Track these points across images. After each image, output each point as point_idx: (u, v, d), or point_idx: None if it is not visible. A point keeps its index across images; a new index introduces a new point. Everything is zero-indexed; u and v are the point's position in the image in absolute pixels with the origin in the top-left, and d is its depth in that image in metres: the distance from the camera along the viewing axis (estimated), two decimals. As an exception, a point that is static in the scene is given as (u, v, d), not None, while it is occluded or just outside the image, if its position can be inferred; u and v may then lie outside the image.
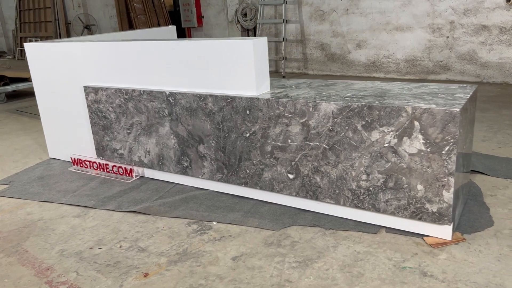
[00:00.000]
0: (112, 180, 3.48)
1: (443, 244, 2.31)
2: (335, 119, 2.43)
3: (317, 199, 2.65)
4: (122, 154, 3.48)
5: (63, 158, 4.03)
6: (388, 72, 6.89)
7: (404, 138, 2.26)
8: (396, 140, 2.28)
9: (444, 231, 2.33)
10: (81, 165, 3.75)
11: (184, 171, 3.17)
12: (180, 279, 2.18)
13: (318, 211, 2.72)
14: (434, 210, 2.28)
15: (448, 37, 6.20)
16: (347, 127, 2.41)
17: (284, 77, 7.51)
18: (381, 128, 2.31)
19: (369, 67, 7.05)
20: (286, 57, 7.67)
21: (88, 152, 3.76)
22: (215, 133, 2.91)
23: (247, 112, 2.73)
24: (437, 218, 2.28)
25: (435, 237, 2.36)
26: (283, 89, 2.87)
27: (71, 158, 3.82)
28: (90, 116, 3.56)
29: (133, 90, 3.21)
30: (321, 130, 2.50)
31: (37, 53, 3.79)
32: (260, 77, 2.74)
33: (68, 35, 12.72)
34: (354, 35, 7.07)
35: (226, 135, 2.87)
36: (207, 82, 2.92)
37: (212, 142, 2.95)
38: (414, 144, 2.24)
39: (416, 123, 2.21)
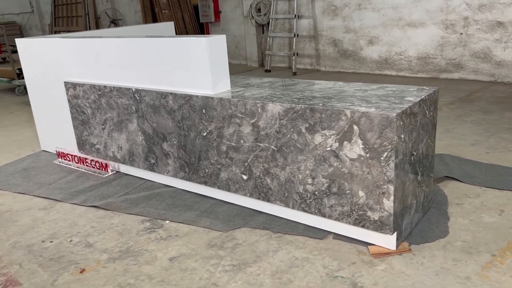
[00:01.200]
0: (89, 174, 3.55)
1: (386, 254, 2.21)
2: (281, 121, 2.37)
3: (268, 201, 2.59)
4: (99, 149, 3.54)
5: (52, 150, 4.14)
6: (400, 69, 6.65)
7: (345, 142, 2.17)
8: (337, 144, 2.20)
9: (388, 241, 2.23)
10: (65, 158, 3.85)
11: (151, 168, 3.19)
12: (112, 277, 2.20)
13: (272, 213, 2.67)
14: (376, 218, 2.18)
15: (461, 33, 5.91)
16: (292, 129, 2.34)
17: (295, 73, 7.41)
18: (323, 131, 2.23)
19: (381, 64, 6.83)
20: (297, 53, 7.55)
21: (73, 145, 3.85)
22: (176, 131, 2.90)
23: (203, 111, 2.71)
24: (379, 226, 2.18)
25: (379, 246, 2.26)
26: (243, 88, 2.82)
27: (56, 151, 3.93)
28: (70, 110, 3.64)
29: (105, 86, 3.25)
30: (269, 132, 2.44)
31: (27, 48, 3.90)
32: (217, 76, 2.71)
33: (97, 29, 13.07)
34: (366, 31, 6.86)
35: (186, 134, 2.85)
36: (167, 80, 2.91)
37: (174, 140, 2.94)
38: (354, 149, 2.14)
39: (355, 127, 2.11)
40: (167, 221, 2.71)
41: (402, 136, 2.07)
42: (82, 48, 3.38)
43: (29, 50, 3.88)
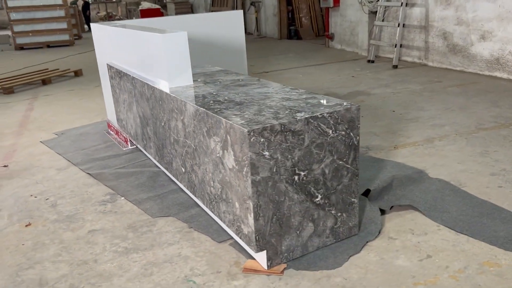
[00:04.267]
0: (115, 145, 4.07)
1: (255, 271, 2.13)
2: (194, 121, 2.42)
3: (195, 196, 2.68)
4: (125, 125, 4.02)
5: (113, 120, 4.81)
6: (512, 72, 5.61)
7: (225, 151, 2.13)
8: (222, 152, 2.17)
9: (262, 258, 2.14)
10: (110, 129, 4.46)
11: (145, 148, 3.52)
12: (39, 235, 2.61)
13: (204, 209, 2.75)
14: (246, 232, 2.11)
15: None
16: (200, 131, 2.37)
17: (395, 66, 6.84)
18: (214, 137, 2.22)
19: (492, 64, 5.84)
20: (401, 45, 6.92)
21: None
22: (152, 118, 3.16)
23: (160, 102, 2.89)
24: (248, 242, 2.11)
25: (257, 261, 2.18)
26: (204, 84, 2.90)
27: (107, 122, 4.57)
28: (111, 88, 4.19)
29: (121, 71, 3.66)
30: (190, 130, 2.51)
31: (96, 31, 4.57)
32: (174, 70, 2.84)
33: (244, 10, 13.90)
34: (480, 24, 5.91)
35: (156, 121, 3.09)
36: (146, 70, 3.16)
37: (152, 126, 3.20)
38: (230, 159, 2.10)
39: (228, 137, 2.06)
40: (122, 198, 3.02)
41: (266, 153, 1.95)
42: (113, 35, 3.85)
43: (97, 33, 4.53)
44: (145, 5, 14.44)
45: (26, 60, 10.51)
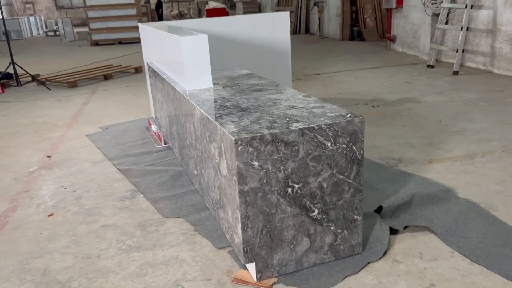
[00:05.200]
0: (151, 143, 4.19)
1: (244, 282, 2.08)
2: (201, 125, 2.41)
3: (204, 199, 2.68)
4: (160, 123, 4.13)
5: (154, 118, 4.96)
6: None
7: (221, 158, 2.10)
8: (219, 158, 2.14)
9: (253, 269, 2.08)
10: (150, 125, 4.59)
11: (172, 147, 3.58)
12: (57, 226, 2.75)
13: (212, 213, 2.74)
14: (236, 242, 2.07)
15: None
16: (204, 135, 2.37)
17: (456, 73, 6.41)
18: (213, 143, 2.20)
19: None
20: (464, 50, 6.46)
21: (157, 116, 4.55)
22: (175, 119, 3.20)
23: (180, 104, 2.92)
24: (238, 251, 2.07)
25: (249, 272, 2.14)
26: (221, 87, 2.89)
27: (148, 119, 4.71)
28: (150, 87, 4.32)
29: (155, 71, 3.76)
30: (198, 133, 2.51)
31: (143, 31, 4.73)
32: (194, 72, 2.86)
33: (307, 9, 13.74)
34: (553, 29, 5.36)
35: (177, 122, 3.13)
36: (171, 71, 3.21)
37: (175, 126, 3.25)
38: (224, 166, 2.06)
39: (222, 145, 2.03)
40: (141, 195, 3.10)
41: (256, 163, 1.89)
42: (150, 35, 3.96)
43: (143, 33, 4.69)
44: (211, 4, 14.77)
45: (97, 55, 11.17)
